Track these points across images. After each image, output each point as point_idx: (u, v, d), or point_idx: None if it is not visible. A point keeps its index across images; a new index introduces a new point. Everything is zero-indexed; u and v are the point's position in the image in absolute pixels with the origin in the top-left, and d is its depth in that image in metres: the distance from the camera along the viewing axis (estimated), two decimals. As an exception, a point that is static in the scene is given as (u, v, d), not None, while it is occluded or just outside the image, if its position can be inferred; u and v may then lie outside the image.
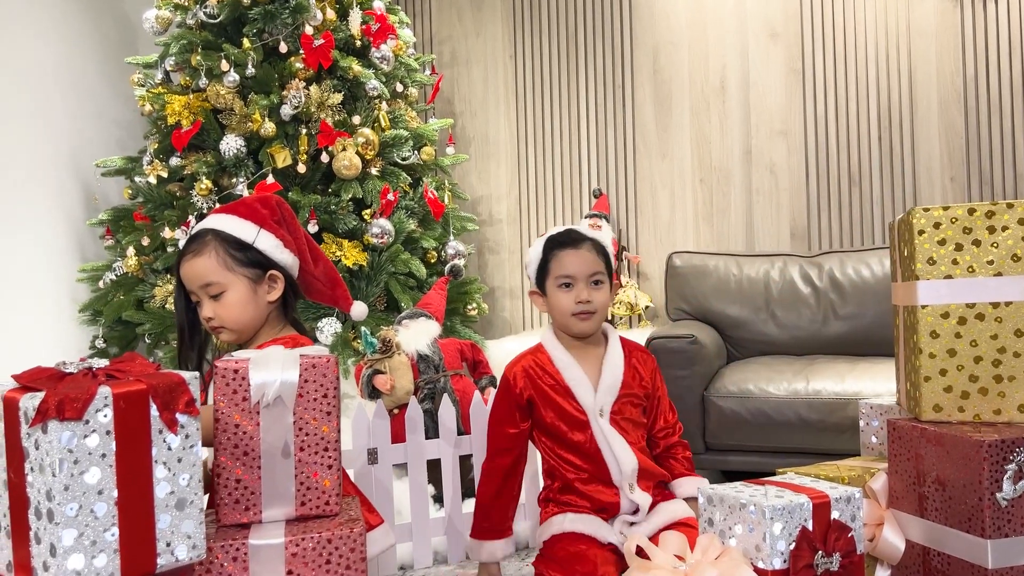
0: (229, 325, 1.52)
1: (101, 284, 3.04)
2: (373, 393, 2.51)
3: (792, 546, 1.41)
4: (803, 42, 3.46)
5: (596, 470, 1.76)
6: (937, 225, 1.52)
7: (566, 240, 1.86)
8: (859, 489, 1.48)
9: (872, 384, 2.48)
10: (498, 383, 2.73)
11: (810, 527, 1.42)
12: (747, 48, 3.53)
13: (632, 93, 3.70)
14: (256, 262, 1.54)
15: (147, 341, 2.97)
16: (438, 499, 2.34)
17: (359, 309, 1.76)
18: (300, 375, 1.16)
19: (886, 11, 3.36)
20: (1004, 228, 1.49)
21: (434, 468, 2.28)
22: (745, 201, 3.54)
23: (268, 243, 1.56)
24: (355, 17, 3.03)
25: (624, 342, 1.89)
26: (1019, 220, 1.48)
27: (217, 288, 1.51)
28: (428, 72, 3.57)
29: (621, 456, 1.75)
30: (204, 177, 2.84)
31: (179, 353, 1.58)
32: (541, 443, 1.85)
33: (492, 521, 1.83)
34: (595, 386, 1.80)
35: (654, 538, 1.52)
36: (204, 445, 1.11)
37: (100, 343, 3.02)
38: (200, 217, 2.84)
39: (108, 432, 0.97)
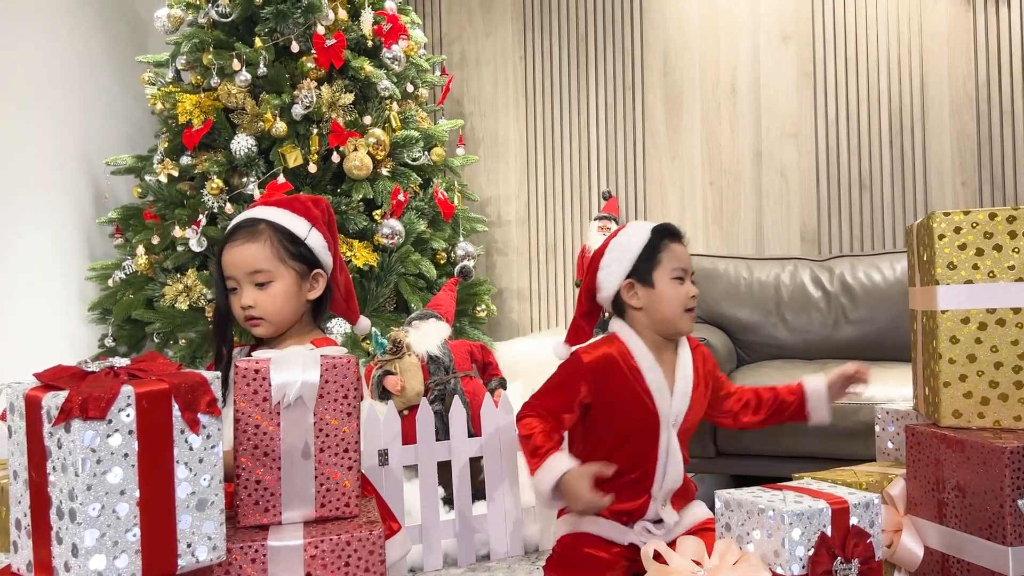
0: (269, 317, 1.50)
1: (110, 283, 3.04)
2: (383, 394, 2.50)
3: (811, 552, 1.40)
4: (815, 45, 3.46)
5: (642, 478, 1.68)
6: (958, 230, 1.51)
7: (675, 232, 1.75)
8: (877, 495, 1.47)
9: (885, 389, 2.47)
10: (507, 385, 2.74)
11: (829, 533, 1.41)
12: (758, 50, 3.53)
13: (642, 94, 3.69)
14: (305, 258, 1.54)
15: (155, 340, 2.96)
16: (448, 501, 2.33)
17: (364, 324, 1.76)
18: (321, 375, 1.16)
19: (898, 14, 3.35)
20: None
21: (444, 470, 2.27)
22: (755, 204, 3.53)
23: (317, 242, 1.56)
24: (367, 17, 3.03)
25: (688, 340, 1.80)
26: None
27: (265, 276, 1.50)
28: (438, 73, 3.56)
29: (672, 473, 1.68)
30: (215, 176, 2.84)
31: (215, 334, 1.56)
32: (591, 439, 1.71)
33: (546, 445, 1.63)
34: (671, 392, 1.70)
35: (672, 543, 1.51)
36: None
37: (109, 342, 3.01)
38: (211, 216, 2.84)
39: (131, 432, 0.96)
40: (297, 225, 1.55)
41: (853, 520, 1.43)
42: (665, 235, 1.73)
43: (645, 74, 3.69)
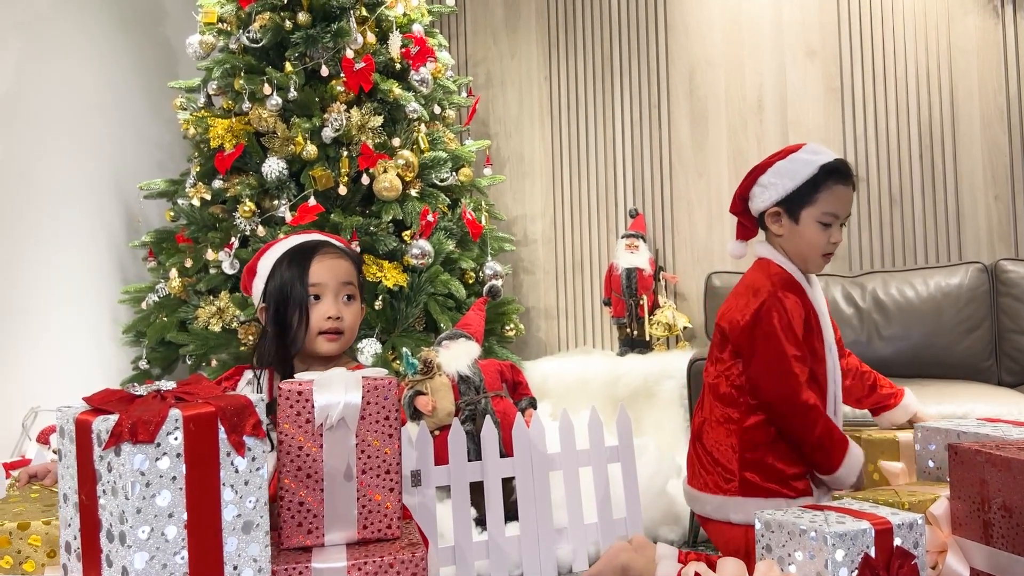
0: (348, 332, 1.55)
1: (144, 305, 3.07)
2: (415, 414, 2.51)
3: (854, 573, 1.38)
4: (841, 60, 3.44)
5: (824, 405, 1.75)
6: None
7: (844, 172, 1.73)
8: (921, 515, 1.45)
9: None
10: (537, 404, 2.74)
11: (873, 554, 1.39)
12: (784, 66, 3.52)
13: (668, 112, 3.69)
14: (363, 291, 1.63)
15: (188, 362, 2.99)
16: (480, 522, 2.32)
17: None
18: (363, 397, 1.16)
19: (926, 28, 3.33)
20: None
21: (476, 491, 2.26)
22: (784, 220, 3.51)
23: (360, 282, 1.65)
24: (395, 40, 3.06)
25: None
26: None
27: (352, 291, 1.57)
28: (465, 94, 3.59)
29: (839, 392, 1.78)
30: (247, 199, 2.87)
31: (280, 347, 1.51)
32: None
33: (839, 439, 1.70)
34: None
35: (712, 564, 1.49)
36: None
37: (143, 364, 3.04)
38: (244, 239, 2.87)
39: (178, 455, 0.97)
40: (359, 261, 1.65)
41: (897, 541, 1.41)
42: (832, 175, 1.71)
43: (670, 92, 3.69)
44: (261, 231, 2.85)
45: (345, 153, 2.93)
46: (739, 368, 1.76)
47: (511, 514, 2.30)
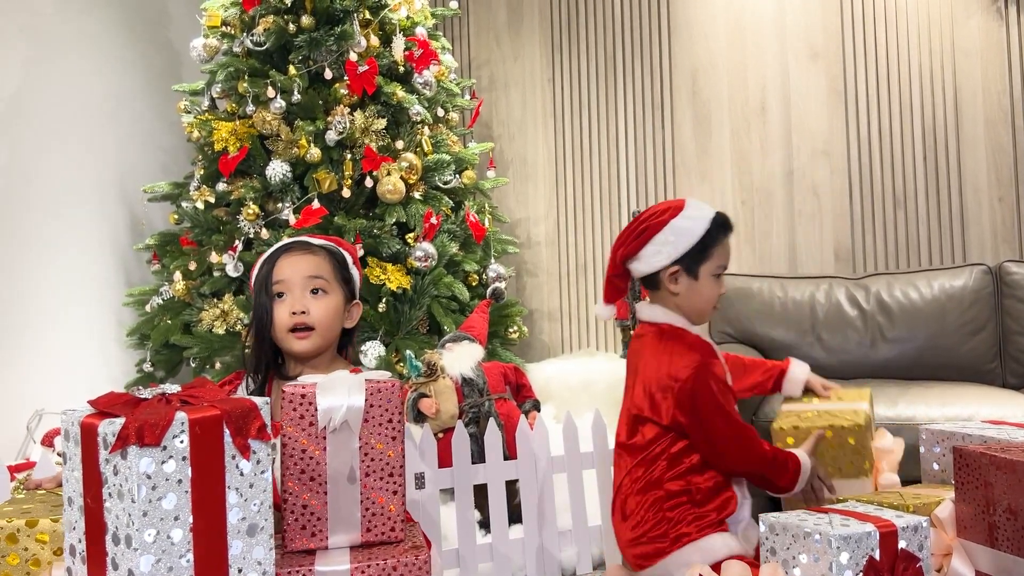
0: (320, 327, 1.52)
1: (148, 308, 3.08)
2: (418, 417, 2.51)
3: (859, 576, 1.38)
4: (844, 62, 3.44)
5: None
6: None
7: (729, 225, 1.78)
8: (926, 518, 1.44)
9: (926, 409, 2.44)
10: (540, 407, 2.74)
11: (877, 557, 1.39)
12: (787, 68, 3.52)
13: (671, 114, 3.69)
14: (350, 286, 1.61)
15: (192, 365, 2.99)
16: (484, 525, 2.32)
17: None
18: (366, 400, 1.17)
19: (929, 30, 3.33)
20: None
21: (480, 493, 2.26)
22: (788, 223, 3.51)
23: (356, 276, 1.63)
24: (398, 43, 3.07)
25: None
26: None
27: (322, 285, 1.54)
28: (468, 96, 3.59)
29: None
30: (251, 202, 2.87)
31: (257, 347, 1.54)
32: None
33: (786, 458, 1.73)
34: None
35: (716, 567, 1.49)
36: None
37: (147, 367, 3.05)
38: (247, 242, 2.87)
39: (184, 458, 0.97)
40: (345, 255, 1.62)
41: (902, 544, 1.41)
42: (722, 228, 1.75)
43: (673, 94, 3.69)
44: (265, 234, 2.85)
45: (349, 156, 2.93)
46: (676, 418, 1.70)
47: (514, 517, 2.30)
